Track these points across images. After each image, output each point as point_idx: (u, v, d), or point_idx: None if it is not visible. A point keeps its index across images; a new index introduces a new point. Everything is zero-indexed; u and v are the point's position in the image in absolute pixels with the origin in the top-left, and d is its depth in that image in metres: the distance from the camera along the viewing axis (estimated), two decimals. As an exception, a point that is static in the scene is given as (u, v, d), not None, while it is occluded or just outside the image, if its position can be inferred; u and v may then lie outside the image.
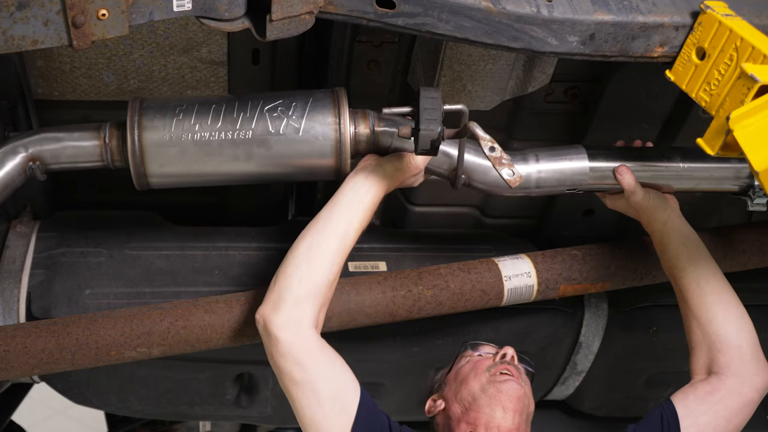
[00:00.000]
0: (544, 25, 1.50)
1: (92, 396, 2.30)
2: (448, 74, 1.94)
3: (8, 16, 1.21)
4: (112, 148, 1.73)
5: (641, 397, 2.54)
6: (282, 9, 1.37)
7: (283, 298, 1.64)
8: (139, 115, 1.69)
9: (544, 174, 1.85)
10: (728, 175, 1.90)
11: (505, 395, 1.73)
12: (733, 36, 1.45)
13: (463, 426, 1.74)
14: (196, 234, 2.21)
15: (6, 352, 1.81)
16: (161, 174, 1.72)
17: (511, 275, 2.00)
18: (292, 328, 1.63)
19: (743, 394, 1.72)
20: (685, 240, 1.85)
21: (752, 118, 1.36)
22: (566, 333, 2.34)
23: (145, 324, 1.86)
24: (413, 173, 1.76)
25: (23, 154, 1.73)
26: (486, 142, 1.62)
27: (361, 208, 1.71)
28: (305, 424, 1.65)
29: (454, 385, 1.82)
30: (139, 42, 1.92)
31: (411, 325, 2.11)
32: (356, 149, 1.74)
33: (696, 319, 1.78)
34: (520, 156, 1.86)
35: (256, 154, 1.70)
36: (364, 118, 1.74)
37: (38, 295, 2.06)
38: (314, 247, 1.67)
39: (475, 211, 2.36)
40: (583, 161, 1.86)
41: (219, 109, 1.69)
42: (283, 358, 1.62)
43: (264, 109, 1.69)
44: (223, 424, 3.30)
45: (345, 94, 1.73)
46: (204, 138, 1.68)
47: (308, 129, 1.69)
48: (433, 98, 1.57)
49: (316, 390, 1.62)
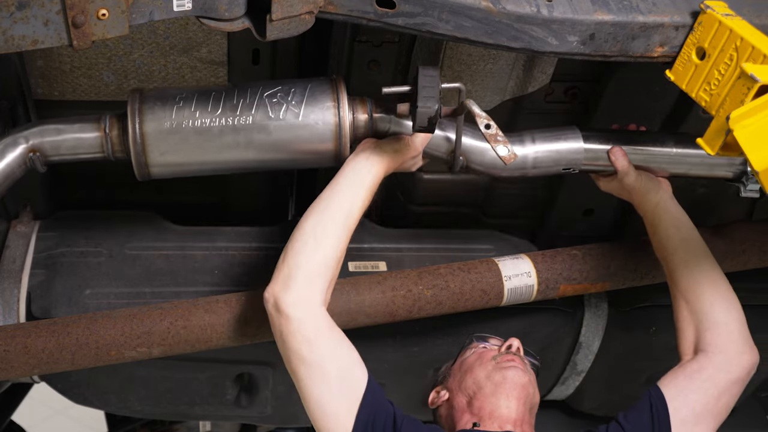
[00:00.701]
0: (544, 25, 1.50)
1: (92, 396, 2.30)
2: (448, 74, 1.94)
3: (8, 16, 1.21)
4: (112, 138, 1.73)
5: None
6: (282, 9, 1.37)
7: (292, 276, 1.64)
8: (140, 104, 1.69)
9: (541, 154, 1.87)
10: (722, 161, 1.91)
11: (510, 382, 1.74)
12: (733, 36, 1.45)
13: (467, 416, 1.74)
14: (196, 234, 2.21)
15: (6, 352, 1.82)
16: (162, 163, 1.72)
17: (511, 275, 2.00)
18: (303, 305, 1.63)
19: (731, 372, 1.72)
20: (676, 222, 1.85)
21: (752, 118, 1.36)
22: (566, 333, 2.34)
23: (145, 324, 1.86)
24: (412, 155, 1.76)
25: (24, 145, 1.73)
26: (482, 119, 1.62)
27: (362, 188, 1.71)
28: (311, 405, 1.63)
29: (459, 375, 1.83)
30: (139, 42, 1.92)
31: (411, 325, 2.11)
32: (355, 134, 1.75)
33: (684, 299, 1.79)
34: (516, 137, 1.87)
35: (256, 140, 1.70)
36: (362, 104, 1.76)
37: (38, 295, 2.06)
38: (320, 224, 1.68)
39: (476, 211, 2.36)
40: (578, 142, 1.88)
41: (219, 97, 1.70)
42: (293, 336, 1.62)
43: (263, 96, 1.70)
44: (223, 424, 3.30)
45: (343, 81, 1.74)
46: (204, 125, 1.69)
47: (307, 114, 1.70)
48: (431, 76, 1.58)
49: (324, 369, 1.61)
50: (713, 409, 1.71)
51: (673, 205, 1.88)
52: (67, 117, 1.78)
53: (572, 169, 1.91)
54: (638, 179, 1.86)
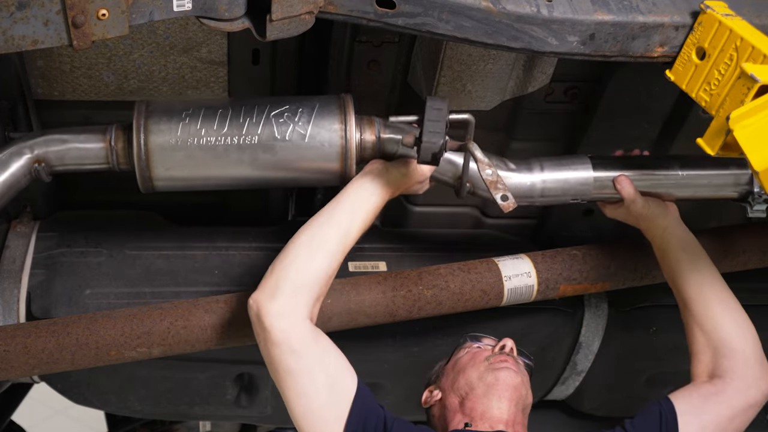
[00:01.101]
0: (544, 25, 1.50)
1: (92, 396, 2.30)
2: (448, 74, 1.94)
3: (8, 16, 1.21)
4: (117, 150, 1.74)
5: (641, 397, 2.53)
6: (282, 9, 1.37)
7: (279, 287, 1.61)
8: (146, 118, 1.70)
9: (549, 183, 1.87)
10: (728, 182, 1.91)
11: (502, 383, 1.73)
12: (733, 36, 1.45)
13: (458, 417, 1.74)
14: (196, 234, 2.21)
15: (6, 352, 1.81)
16: (167, 178, 1.72)
17: (511, 275, 2.00)
18: (288, 317, 1.60)
19: (749, 396, 1.72)
20: (685, 246, 1.85)
21: (752, 118, 1.36)
22: (566, 333, 2.34)
23: (145, 324, 1.86)
24: (419, 180, 1.76)
25: (28, 155, 1.73)
26: (484, 165, 1.63)
27: (364, 208, 1.70)
28: (297, 415, 1.61)
29: (452, 375, 1.82)
30: (139, 42, 1.92)
31: (411, 325, 2.10)
32: (361, 156, 1.75)
33: (699, 326, 1.78)
34: (524, 165, 1.86)
35: (261, 159, 1.71)
36: (370, 124, 1.75)
37: (38, 295, 2.06)
38: (315, 239, 1.66)
39: (475, 211, 2.36)
40: (588, 171, 1.88)
41: (225, 114, 1.70)
42: (276, 347, 1.59)
43: (270, 115, 1.70)
44: (223, 424, 3.30)
45: (351, 100, 1.74)
46: (210, 143, 1.69)
47: (314, 135, 1.70)
48: (439, 109, 1.57)
49: (313, 378, 1.59)
50: (725, 429, 1.71)
51: (681, 230, 1.87)
52: (71, 127, 1.78)
53: (580, 200, 1.91)
54: (645, 206, 1.86)
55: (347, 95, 1.75)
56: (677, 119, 2.09)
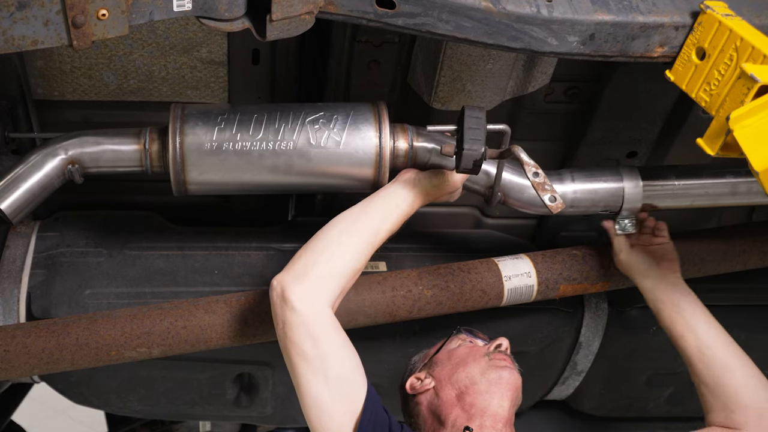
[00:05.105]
0: (544, 25, 1.50)
1: (92, 396, 2.30)
2: (448, 74, 1.94)
3: (8, 16, 1.21)
4: (152, 153, 1.74)
5: (641, 397, 2.54)
6: (282, 9, 1.37)
7: (307, 271, 1.60)
8: (181, 122, 1.70)
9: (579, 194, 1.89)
10: (724, 190, 1.91)
11: (506, 383, 1.72)
12: (733, 36, 1.45)
13: (457, 411, 1.70)
14: (196, 234, 2.21)
15: (6, 352, 1.82)
16: (201, 182, 1.73)
17: (511, 275, 2.00)
18: (312, 301, 1.59)
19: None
20: (677, 307, 1.85)
21: (752, 118, 1.36)
22: (566, 333, 2.34)
23: (145, 324, 1.86)
24: (450, 191, 1.76)
25: (62, 156, 1.73)
26: (530, 167, 1.62)
27: (395, 212, 1.71)
28: (307, 404, 1.58)
29: (449, 366, 1.78)
30: (139, 42, 1.92)
31: (411, 325, 2.11)
32: (394, 164, 1.76)
33: (705, 386, 1.79)
34: (555, 175, 1.89)
35: (296, 165, 1.71)
36: (404, 132, 1.76)
37: (38, 295, 2.06)
38: (347, 233, 1.66)
39: (475, 211, 2.36)
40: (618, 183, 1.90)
41: (261, 120, 1.70)
42: (296, 330, 1.57)
43: (306, 121, 1.71)
44: (223, 424, 3.30)
45: (386, 108, 1.75)
46: (245, 148, 1.69)
47: (349, 142, 1.71)
48: (478, 118, 1.58)
49: (326, 367, 1.57)
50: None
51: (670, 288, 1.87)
52: (106, 129, 1.78)
53: (609, 212, 1.92)
54: (628, 258, 1.90)
55: (382, 103, 1.76)
56: (677, 119, 2.09)
